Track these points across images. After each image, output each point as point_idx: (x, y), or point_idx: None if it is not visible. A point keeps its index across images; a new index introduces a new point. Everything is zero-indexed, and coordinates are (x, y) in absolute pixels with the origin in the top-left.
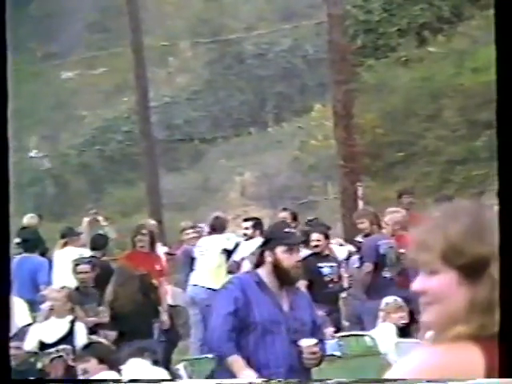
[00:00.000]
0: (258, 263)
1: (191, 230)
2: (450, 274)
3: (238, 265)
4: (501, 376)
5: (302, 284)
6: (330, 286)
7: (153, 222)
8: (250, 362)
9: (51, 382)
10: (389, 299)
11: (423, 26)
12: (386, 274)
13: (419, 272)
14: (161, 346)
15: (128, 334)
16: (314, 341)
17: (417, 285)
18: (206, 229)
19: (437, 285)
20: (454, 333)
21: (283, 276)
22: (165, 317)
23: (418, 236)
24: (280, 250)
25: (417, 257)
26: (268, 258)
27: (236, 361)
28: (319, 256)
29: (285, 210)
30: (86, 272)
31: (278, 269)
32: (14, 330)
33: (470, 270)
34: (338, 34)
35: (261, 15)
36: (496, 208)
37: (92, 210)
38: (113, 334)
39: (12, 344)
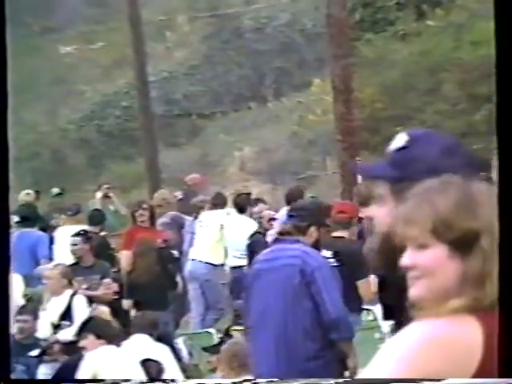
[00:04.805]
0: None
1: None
2: (440, 248)
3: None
4: (500, 374)
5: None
6: None
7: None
8: None
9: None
10: None
11: None
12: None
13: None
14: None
15: (143, 304)
16: None
17: (406, 259)
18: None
19: (427, 259)
20: (449, 306)
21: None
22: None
23: (405, 211)
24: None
25: (404, 231)
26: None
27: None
28: None
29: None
30: (76, 244)
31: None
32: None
33: (461, 244)
34: (336, 8)
35: None
36: (486, 181)
37: (104, 185)
38: (128, 303)
39: (19, 318)
